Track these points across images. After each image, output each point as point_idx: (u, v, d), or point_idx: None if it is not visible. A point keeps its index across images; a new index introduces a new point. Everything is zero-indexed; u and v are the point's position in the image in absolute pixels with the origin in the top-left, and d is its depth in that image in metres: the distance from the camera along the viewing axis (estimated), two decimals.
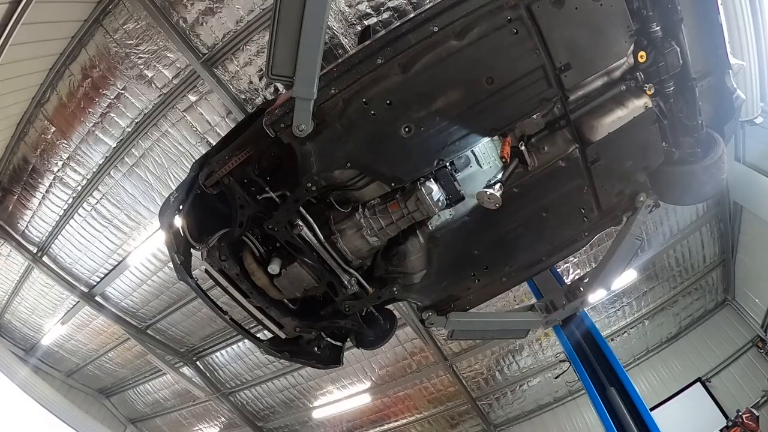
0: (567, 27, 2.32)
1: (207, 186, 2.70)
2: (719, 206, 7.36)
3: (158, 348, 9.05)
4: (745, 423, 7.50)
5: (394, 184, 2.59)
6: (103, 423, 10.43)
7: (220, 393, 9.97)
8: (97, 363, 10.19)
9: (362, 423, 10.20)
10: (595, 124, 2.69)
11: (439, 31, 2.26)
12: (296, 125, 2.34)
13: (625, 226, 3.06)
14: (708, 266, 8.29)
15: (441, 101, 2.37)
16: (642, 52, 2.53)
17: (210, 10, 4.73)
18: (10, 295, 8.64)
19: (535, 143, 2.77)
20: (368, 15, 4.61)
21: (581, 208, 2.95)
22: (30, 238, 7.47)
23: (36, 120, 5.89)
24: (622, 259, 3.10)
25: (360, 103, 2.36)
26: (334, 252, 2.77)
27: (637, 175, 2.93)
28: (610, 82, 2.66)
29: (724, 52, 2.70)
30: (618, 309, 8.37)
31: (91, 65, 5.28)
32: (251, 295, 2.91)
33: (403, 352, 8.46)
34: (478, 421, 9.49)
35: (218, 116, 5.54)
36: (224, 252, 2.79)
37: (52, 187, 6.60)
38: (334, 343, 3.27)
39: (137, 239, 7.03)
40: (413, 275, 2.94)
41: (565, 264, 7.13)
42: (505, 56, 2.33)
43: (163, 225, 2.93)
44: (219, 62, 5.08)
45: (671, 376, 8.83)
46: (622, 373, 3.39)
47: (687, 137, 2.82)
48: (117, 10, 4.85)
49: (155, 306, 8.31)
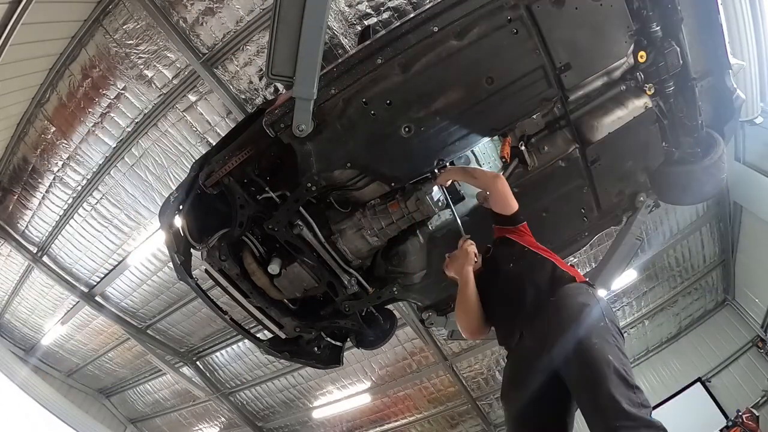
0: (567, 27, 2.33)
1: (207, 186, 2.70)
2: (719, 206, 7.35)
3: (158, 348, 9.04)
4: (745, 423, 7.49)
5: (394, 184, 2.59)
6: (103, 423, 10.43)
7: (220, 393, 9.97)
8: (97, 363, 10.18)
9: (362, 423, 10.20)
10: (595, 124, 2.70)
11: (439, 31, 2.27)
12: (296, 125, 2.34)
13: (625, 226, 3.06)
14: (708, 266, 8.28)
15: (441, 101, 2.38)
16: (642, 52, 2.54)
17: (210, 10, 4.72)
18: (10, 295, 8.62)
19: (535, 143, 2.78)
20: (368, 15, 4.61)
21: (581, 208, 2.96)
22: (30, 238, 7.46)
23: (36, 120, 5.88)
24: (622, 259, 3.10)
25: (360, 103, 2.36)
26: (334, 252, 2.77)
27: (637, 175, 2.93)
28: (610, 82, 2.66)
29: (724, 52, 2.70)
30: (618, 309, 8.36)
31: (91, 65, 5.27)
32: (251, 295, 2.91)
33: (403, 352, 8.45)
34: (478, 421, 9.49)
35: (218, 116, 5.54)
36: (224, 252, 2.79)
37: (52, 187, 6.59)
38: (334, 343, 3.27)
39: (137, 239, 7.02)
40: (413, 275, 2.94)
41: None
42: (505, 56, 2.33)
43: (163, 225, 2.93)
44: (219, 62, 5.07)
45: (671, 376, 8.83)
46: None
47: (687, 137, 2.82)
48: (117, 10, 4.84)
49: (155, 306, 8.30)
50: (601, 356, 1.63)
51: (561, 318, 1.80)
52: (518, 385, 1.95)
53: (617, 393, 1.53)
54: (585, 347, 1.67)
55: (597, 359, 1.62)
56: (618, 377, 1.58)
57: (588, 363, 1.64)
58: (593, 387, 1.60)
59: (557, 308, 1.85)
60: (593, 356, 1.64)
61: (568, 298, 1.86)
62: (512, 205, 2.26)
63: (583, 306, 1.79)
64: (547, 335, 1.80)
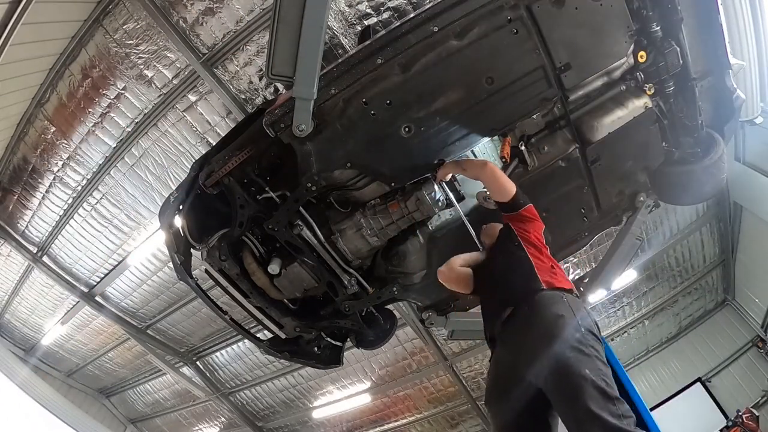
0: (567, 27, 2.32)
1: (207, 186, 2.70)
2: (719, 206, 7.36)
3: (158, 348, 9.04)
4: (745, 423, 7.50)
5: (394, 184, 2.59)
6: (103, 423, 10.43)
7: (220, 393, 9.97)
8: (97, 363, 10.18)
9: (362, 423, 10.20)
10: (595, 124, 2.69)
11: (439, 31, 2.26)
12: (296, 125, 2.34)
13: (625, 226, 3.06)
14: (708, 266, 8.29)
15: (441, 101, 2.37)
16: (642, 52, 2.53)
17: (210, 10, 4.72)
18: (10, 295, 8.62)
19: (535, 143, 2.77)
20: (368, 15, 4.61)
21: (581, 208, 2.96)
22: (30, 238, 7.46)
23: (36, 120, 5.88)
24: (622, 259, 3.10)
25: (360, 103, 2.36)
26: (334, 252, 2.77)
27: (637, 175, 2.93)
28: (610, 82, 2.66)
29: (724, 52, 2.70)
30: (618, 309, 8.37)
31: (91, 65, 5.27)
32: (251, 295, 2.91)
33: (403, 352, 8.45)
34: (478, 421, 9.48)
35: (218, 116, 5.54)
36: (224, 252, 2.79)
37: (52, 187, 6.60)
38: (334, 343, 3.27)
39: (137, 239, 7.02)
40: (413, 275, 2.94)
41: (565, 264, 7.12)
42: (505, 56, 2.33)
43: (163, 225, 2.93)
44: (219, 62, 5.07)
45: (671, 376, 8.83)
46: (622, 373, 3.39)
47: (687, 137, 2.82)
48: (117, 10, 4.84)
49: (155, 306, 8.30)
50: (577, 371, 1.59)
51: (534, 332, 1.76)
52: (499, 396, 1.93)
53: (596, 407, 1.51)
54: (560, 362, 1.64)
55: (573, 374, 1.59)
56: (596, 390, 1.55)
57: (564, 378, 1.61)
58: (572, 402, 1.57)
59: (530, 321, 1.80)
60: (569, 371, 1.61)
61: (541, 309, 1.81)
62: (508, 188, 2.26)
63: (556, 318, 1.75)
64: (520, 349, 1.77)
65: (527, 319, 1.82)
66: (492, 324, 2.03)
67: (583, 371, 1.58)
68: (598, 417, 1.49)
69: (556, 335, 1.68)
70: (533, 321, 1.80)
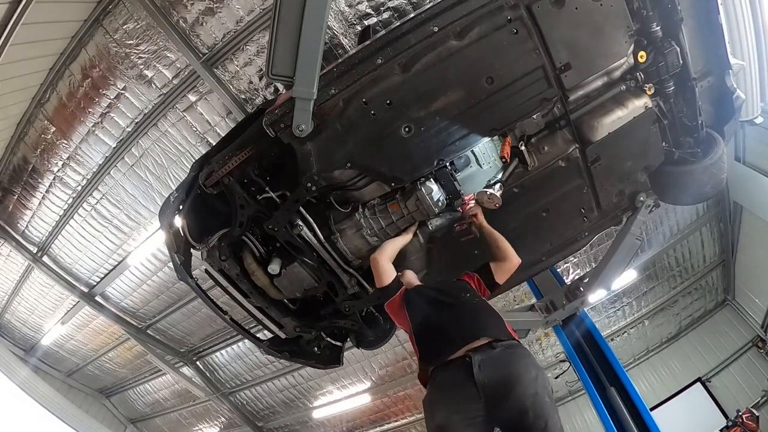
0: (567, 27, 2.32)
1: (207, 186, 2.70)
2: (719, 206, 7.36)
3: (158, 348, 9.05)
4: (745, 423, 7.49)
5: (394, 184, 2.59)
6: (103, 423, 10.43)
7: (220, 393, 9.97)
8: (97, 363, 10.19)
9: (362, 423, 10.20)
10: (595, 124, 2.69)
11: (439, 31, 2.26)
12: (296, 125, 2.34)
13: (625, 226, 3.06)
14: (708, 266, 8.29)
15: (441, 101, 2.37)
16: (642, 52, 2.54)
17: (210, 10, 4.72)
18: (10, 295, 8.63)
19: (535, 143, 2.77)
20: (368, 15, 4.61)
21: (581, 208, 2.95)
22: (30, 238, 7.47)
23: (36, 120, 5.89)
24: (622, 259, 3.10)
25: (360, 103, 2.36)
26: (334, 252, 2.77)
27: (637, 175, 2.93)
28: (610, 82, 2.66)
29: (724, 52, 2.70)
30: (618, 309, 8.37)
31: (91, 65, 5.27)
32: (251, 295, 2.92)
33: (403, 352, 8.45)
34: None
35: (218, 116, 5.54)
36: (224, 252, 2.80)
37: (52, 187, 6.60)
38: (334, 343, 3.27)
39: (137, 239, 7.02)
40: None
41: (565, 264, 7.12)
42: (505, 56, 2.33)
43: (163, 225, 2.93)
44: (219, 62, 5.08)
45: (671, 376, 8.83)
46: (622, 373, 3.39)
47: (687, 137, 2.82)
48: (117, 10, 4.85)
49: (155, 306, 8.30)
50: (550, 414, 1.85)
51: (521, 381, 1.87)
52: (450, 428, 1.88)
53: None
54: (538, 405, 1.83)
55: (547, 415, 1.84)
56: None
57: (539, 416, 1.81)
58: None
59: (515, 371, 1.90)
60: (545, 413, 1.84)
61: (522, 359, 1.97)
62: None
63: (538, 369, 1.95)
64: (498, 393, 1.84)
65: (510, 369, 1.93)
66: (445, 347, 2.05)
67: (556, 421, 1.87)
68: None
69: (540, 386, 1.92)
70: (518, 372, 1.93)
